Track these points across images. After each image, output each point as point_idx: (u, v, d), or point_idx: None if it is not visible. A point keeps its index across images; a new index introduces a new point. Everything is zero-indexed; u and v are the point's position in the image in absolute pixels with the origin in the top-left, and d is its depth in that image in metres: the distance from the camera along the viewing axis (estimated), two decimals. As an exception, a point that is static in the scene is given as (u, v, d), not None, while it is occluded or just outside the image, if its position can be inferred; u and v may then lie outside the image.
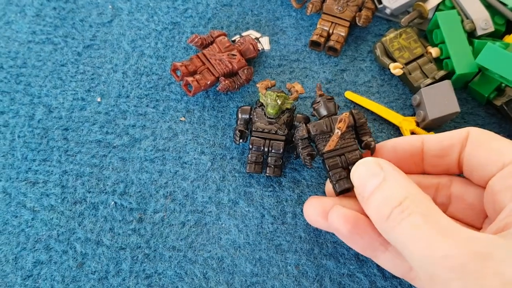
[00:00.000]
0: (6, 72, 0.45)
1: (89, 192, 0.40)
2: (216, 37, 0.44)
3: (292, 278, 0.37)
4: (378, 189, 0.28)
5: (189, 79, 0.41)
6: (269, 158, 0.39)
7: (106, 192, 0.40)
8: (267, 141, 0.39)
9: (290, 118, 0.40)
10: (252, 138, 0.39)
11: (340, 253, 0.37)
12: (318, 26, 0.45)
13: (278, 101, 0.39)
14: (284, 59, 0.46)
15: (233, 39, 0.46)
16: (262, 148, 0.39)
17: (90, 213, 0.39)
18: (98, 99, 0.44)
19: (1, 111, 0.43)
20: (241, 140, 0.40)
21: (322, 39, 0.45)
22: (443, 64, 0.43)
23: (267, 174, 0.39)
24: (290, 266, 0.37)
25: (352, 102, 0.43)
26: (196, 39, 0.43)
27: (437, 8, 0.45)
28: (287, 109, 0.40)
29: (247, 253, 0.38)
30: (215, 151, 0.42)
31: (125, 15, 0.48)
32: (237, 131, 0.40)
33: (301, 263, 0.37)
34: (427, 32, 0.45)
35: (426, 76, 0.43)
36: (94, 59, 0.46)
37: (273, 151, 0.39)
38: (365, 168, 0.30)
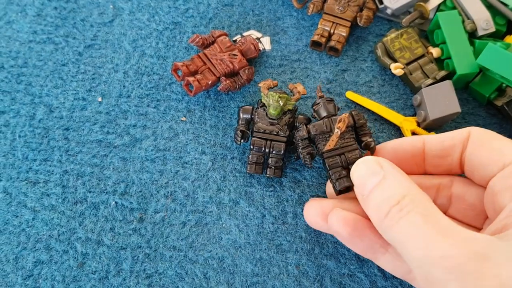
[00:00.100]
0: (7, 72, 0.45)
1: (90, 192, 0.40)
2: (217, 37, 0.44)
3: (293, 278, 0.37)
4: (377, 188, 0.28)
5: (190, 79, 0.41)
6: (270, 159, 0.39)
7: (107, 192, 0.40)
8: (268, 142, 0.39)
9: (292, 119, 0.40)
10: (253, 139, 0.39)
11: (341, 253, 0.37)
12: (319, 26, 0.45)
13: (280, 102, 0.39)
14: (285, 59, 0.46)
15: (234, 39, 0.46)
16: (263, 149, 0.39)
17: (91, 213, 0.39)
18: (99, 99, 0.44)
19: (2, 111, 0.43)
20: (242, 140, 0.40)
21: (323, 39, 0.45)
22: (444, 64, 0.43)
23: (268, 175, 0.39)
24: (291, 266, 0.37)
25: (353, 102, 0.43)
26: (197, 39, 0.43)
27: (438, 9, 0.45)
28: (289, 110, 0.40)
29: (248, 253, 0.38)
30: (216, 151, 0.42)
31: (126, 15, 0.48)
32: (239, 131, 0.40)
33: (302, 263, 0.37)
34: (428, 32, 0.45)
35: (427, 76, 0.43)
36: (95, 59, 0.46)
37: (274, 152, 0.39)
38: (365, 167, 0.30)
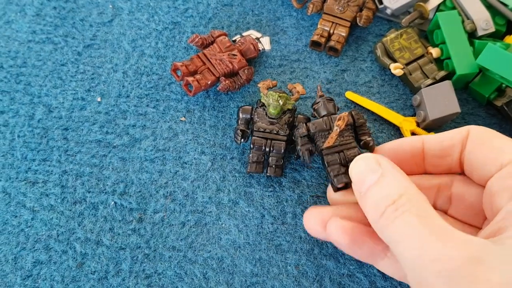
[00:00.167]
0: (6, 72, 0.45)
1: (89, 192, 0.40)
2: (217, 37, 0.44)
3: (292, 278, 0.37)
4: (375, 186, 0.28)
5: (190, 79, 0.41)
6: (270, 158, 0.39)
7: (106, 192, 0.40)
8: (269, 141, 0.39)
9: (291, 119, 0.40)
10: (254, 138, 0.39)
11: (340, 253, 0.37)
12: (319, 26, 0.45)
13: (280, 102, 0.39)
14: (285, 59, 0.46)
15: (234, 39, 0.46)
16: (264, 148, 0.39)
17: (90, 213, 0.39)
18: (98, 99, 0.44)
19: (1, 111, 0.43)
20: (243, 140, 0.40)
21: (323, 39, 0.45)
22: (444, 65, 0.43)
23: (268, 174, 0.39)
24: (290, 266, 0.37)
25: (353, 102, 0.43)
26: (197, 39, 0.43)
27: (438, 9, 0.45)
28: (288, 110, 0.40)
29: (247, 253, 0.38)
30: (216, 151, 0.41)
31: (126, 15, 0.48)
32: (239, 131, 0.40)
33: (301, 263, 0.37)
34: (428, 33, 0.45)
35: (427, 77, 0.43)
36: (94, 59, 0.46)
37: (274, 151, 0.39)
38: (364, 163, 0.29)
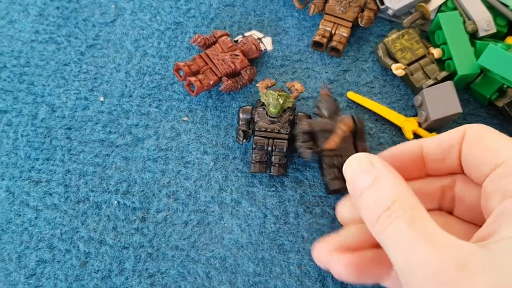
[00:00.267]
0: (9, 71, 0.45)
1: (92, 191, 0.40)
2: (219, 37, 0.44)
3: (295, 278, 0.37)
4: (369, 189, 0.27)
5: (192, 79, 0.41)
6: (273, 157, 0.39)
7: (109, 191, 0.40)
8: (271, 140, 0.39)
9: (292, 117, 0.40)
10: (256, 138, 0.39)
11: (343, 253, 0.38)
12: (321, 27, 0.45)
13: (280, 100, 0.39)
14: (287, 60, 0.46)
15: (236, 39, 0.46)
16: (266, 148, 0.39)
17: (93, 212, 0.39)
18: (101, 99, 0.44)
19: (4, 110, 0.43)
20: (245, 140, 0.40)
21: (325, 40, 0.45)
22: (445, 65, 0.43)
23: (272, 173, 0.39)
24: (293, 266, 0.37)
25: (354, 103, 0.44)
26: (199, 39, 0.43)
27: (439, 9, 0.45)
28: (289, 108, 0.40)
29: (250, 253, 0.38)
30: (218, 151, 0.42)
31: (128, 15, 0.48)
32: (241, 131, 0.40)
33: (304, 263, 0.37)
34: (429, 33, 0.45)
35: (428, 77, 0.43)
36: (97, 59, 0.46)
37: (277, 150, 0.39)
38: (357, 163, 0.29)
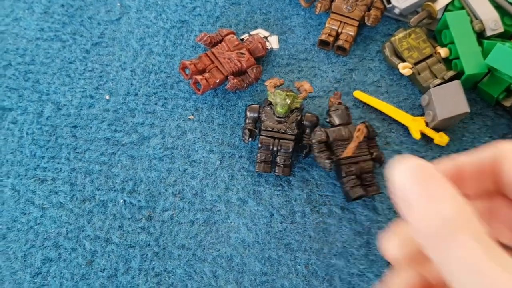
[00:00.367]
0: (14, 69, 0.45)
1: (98, 190, 0.40)
2: (225, 36, 0.44)
3: (302, 278, 0.37)
4: (424, 200, 0.23)
5: (198, 78, 0.41)
6: (278, 158, 0.39)
7: (115, 190, 0.40)
8: (276, 141, 0.39)
9: (299, 117, 0.40)
10: (261, 138, 0.39)
11: (350, 253, 0.37)
12: (327, 25, 0.45)
13: (288, 100, 0.39)
14: (293, 58, 0.46)
15: (242, 38, 0.45)
16: (271, 147, 0.39)
17: (99, 211, 0.39)
18: (107, 97, 0.44)
19: (10, 108, 0.43)
20: (250, 139, 0.40)
21: (331, 39, 0.45)
22: (452, 65, 0.43)
23: (276, 174, 0.39)
24: (300, 266, 0.37)
25: (361, 102, 0.43)
26: (205, 38, 0.43)
27: (446, 9, 0.45)
28: (296, 108, 0.40)
29: (257, 252, 0.38)
30: (224, 150, 0.42)
31: (133, 13, 0.48)
32: (246, 130, 0.40)
33: (311, 263, 0.37)
34: (436, 32, 0.45)
35: (435, 76, 0.43)
36: (103, 57, 0.46)
37: (282, 151, 0.39)
38: (408, 169, 0.25)
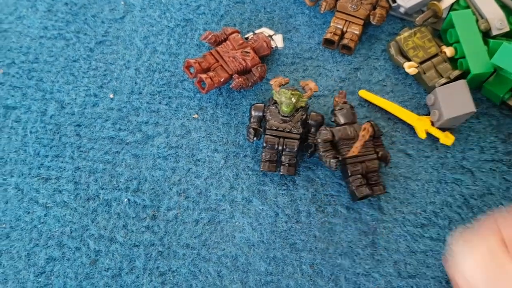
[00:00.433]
0: (18, 67, 0.45)
1: (102, 189, 0.40)
2: (230, 34, 0.44)
3: (307, 277, 0.37)
4: None
5: (203, 76, 0.41)
6: (283, 157, 0.39)
7: (119, 189, 0.40)
8: (281, 140, 0.39)
9: (304, 116, 0.40)
10: (266, 137, 0.39)
11: (356, 253, 0.37)
12: (332, 24, 0.45)
13: (293, 99, 0.39)
14: (298, 57, 0.45)
15: (246, 37, 0.45)
16: (276, 147, 0.39)
17: (103, 210, 0.39)
18: (111, 96, 0.44)
19: (13, 107, 0.43)
20: (255, 138, 0.40)
21: (336, 37, 0.44)
22: (458, 64, 0.42)
23: (281, 173, 0.39)
24: (305, 265, 0.37)
25: (366, 101, 0.43)
26: (210, 36, 0.43)
27: (452, 8, 0.45)
28: (301, 107, 0.40)
29: (262, 252, 0.37)
30: (228, 149, 0.41)
31: (137, 11, 0.48)
32: (251, 129, 0.39)
33: (316, 262, 0.37)
34: (442, 32, 0.45)
35: (441, 76, 0.42)
36: (107, 55, 0.45)
37: (287, 150, 0.39)
38: (482, 262, 0.21)
